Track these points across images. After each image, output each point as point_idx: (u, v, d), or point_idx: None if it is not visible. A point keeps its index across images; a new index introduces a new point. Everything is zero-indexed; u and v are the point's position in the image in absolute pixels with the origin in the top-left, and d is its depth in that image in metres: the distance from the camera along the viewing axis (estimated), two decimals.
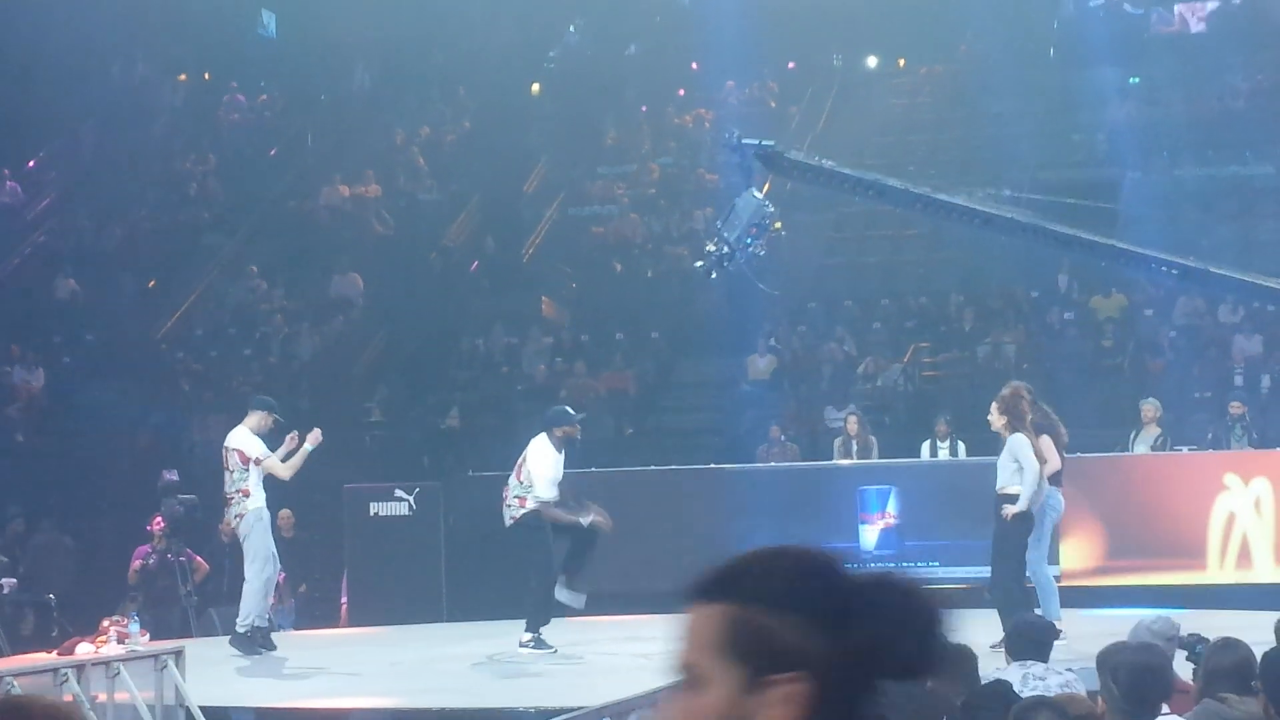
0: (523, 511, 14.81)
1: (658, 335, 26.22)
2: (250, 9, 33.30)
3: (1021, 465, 14.06)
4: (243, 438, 15.69)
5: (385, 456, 23.89)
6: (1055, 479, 14.60)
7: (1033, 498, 14.06)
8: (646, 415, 24.97)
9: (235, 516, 15.72)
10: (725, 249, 13.78)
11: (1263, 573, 17.86)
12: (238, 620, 15.67)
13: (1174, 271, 15.63)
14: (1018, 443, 14.11)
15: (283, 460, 15.63)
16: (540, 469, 14.84)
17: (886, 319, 25.59)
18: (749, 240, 13.76)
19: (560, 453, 14.97)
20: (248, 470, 15.49)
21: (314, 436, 15.74)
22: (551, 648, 14.91)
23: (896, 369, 24.28)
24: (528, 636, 14.91)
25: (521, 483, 14.88)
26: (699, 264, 14.68)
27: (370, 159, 30.89)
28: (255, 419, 15.82)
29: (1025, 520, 14.15)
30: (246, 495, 15.49)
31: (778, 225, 13.71)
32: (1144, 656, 6.94)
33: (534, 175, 30.56)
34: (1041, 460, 14.33)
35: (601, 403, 24.46)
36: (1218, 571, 17.98)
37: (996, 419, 14.32)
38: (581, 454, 21.84)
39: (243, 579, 19.70)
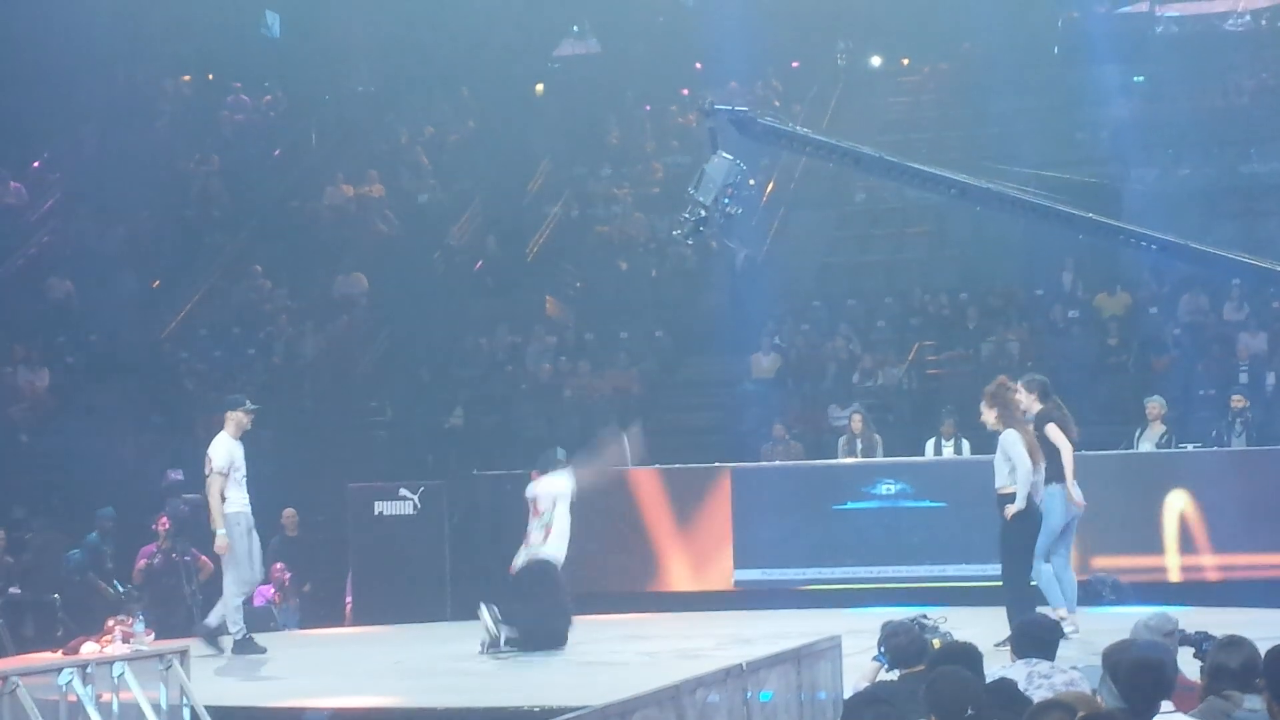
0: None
1: (662, 334, 26.22)
2: (254, 9, 33.30)
3: (1013, 463, 14.03)
4: (216, 444, 15.66)
5: (389, 456, 23.91)
6: (1057, 474, 14.47)
7: (1031, 492, 14.02)
8: (650, 414, 24.95)
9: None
10: (701, 213, 13.90)
11: None
12: (229, 629, 15.63)
13: (1153, 246, 15.47)
14: (1008, 440, 14.06)
15: (222, 499, 15.50)
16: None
17: (890, 317, 25.58)
18: (726, 200, 13.86)
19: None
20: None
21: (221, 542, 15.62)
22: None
23: (900, 367, 24.26)
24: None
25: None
26: (676, 232, 14.88)
27: (374, 159, 30.90)
28: (231, 423, 15.75)
29: (1028, 517, 14.10)
30: (222, 499, 15.48)
31: (751, 181, 13.86)
32: (1144, 654, 6.93)
33: (538, 175, 30.56)
34: (1044, 454, 14.28)
35: (606, 402, 24.47)
36: None
37: (987, 413, 14.28)
38: (586, 453, 21.90)
39: None
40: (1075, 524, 14.84)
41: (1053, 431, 14.46)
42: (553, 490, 15.44)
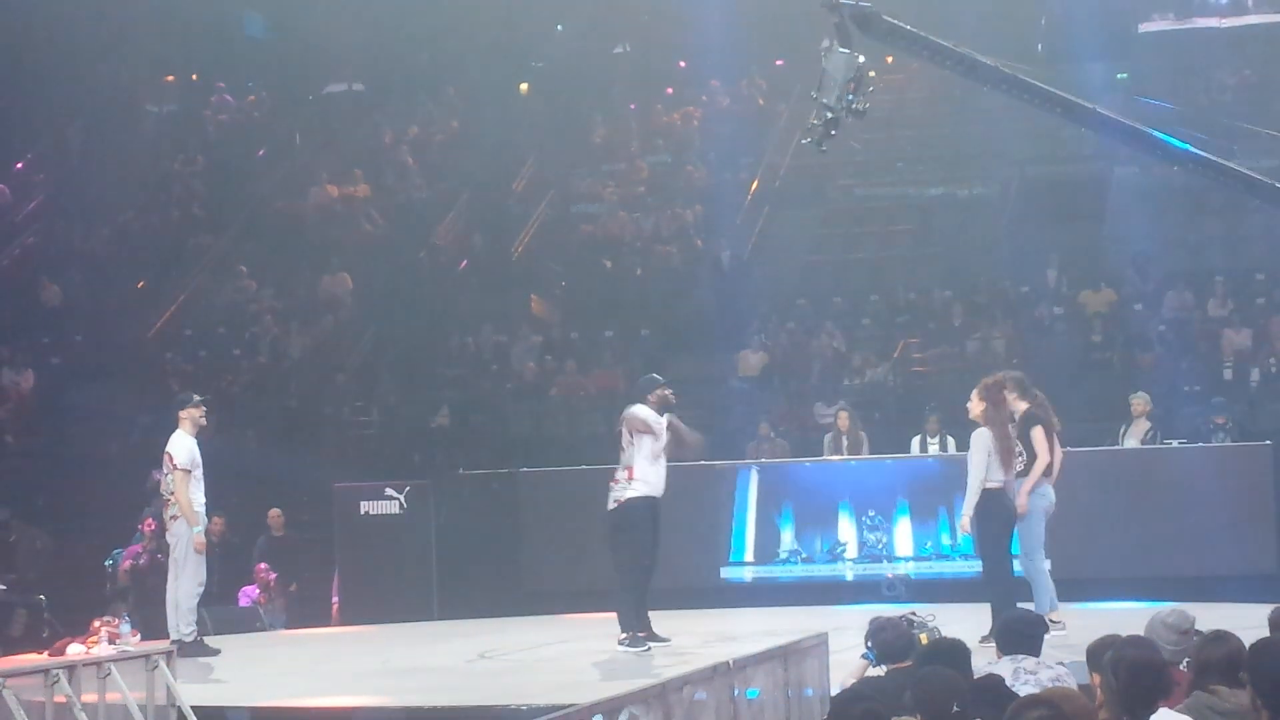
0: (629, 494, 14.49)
1: (648, 333, 26.20)
2: (237, 9, 33.25)
3: (971, 462, 14.06)
4: (175, 442, 15.60)
5: (375, 455, 23.90)
6: (1045, 470, 14.55)
7: (1004, 489, 14.07)
8: None
9: (170, 518, 15.66)
10: (828, 114, 12.88)
11: None
12: (182, 630, 15.54)
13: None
14: (974, 440, 14.10)
15: (190, 496, 15.41)
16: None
17: (876, 315, 25.59)
18: (850, 97, 13.17)
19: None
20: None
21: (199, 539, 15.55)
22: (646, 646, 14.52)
23: (886, 365, 24.28)
24: (624, 635, 14.57)
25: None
26: (806, 140, 13.53)
27: (359, 158, 30.87)
28: (187, 421, 15.65)
29: (998, 512, 14.11)
30: (189, 505, 15.41)
31: (872, 73, 13.06)
32: (1141, 651, 6.93)
33: (523, 174, 30.53)
34: (1031, 455, 14.35)
35: (592, 401, 24.47)
36: None
37: (976, 405, 14.27)
38: (573, 452, 21.93)
39: (231, 581, 19.79)
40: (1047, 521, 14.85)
41: (1038, 437, 14.49)
42: (631, 422, 14.68)
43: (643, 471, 14.48)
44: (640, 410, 14.61)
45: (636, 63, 33.18)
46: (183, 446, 15.45)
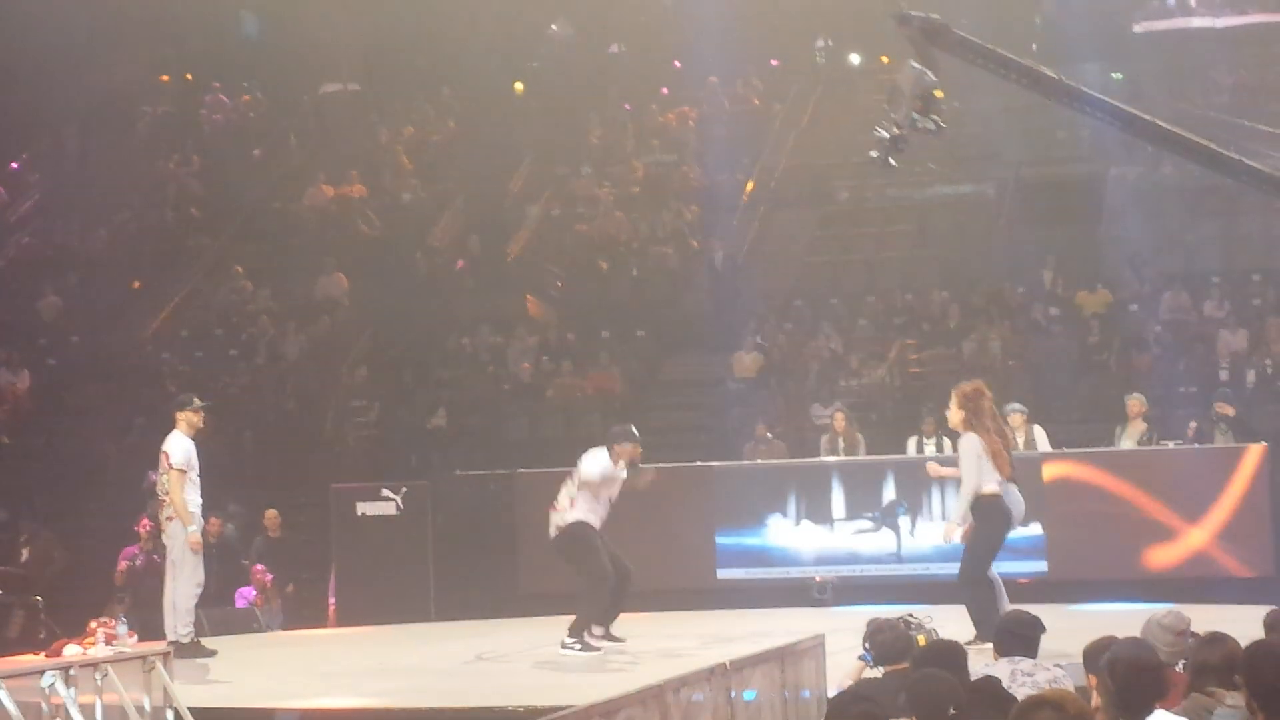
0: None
1: (644, 334, 26.20)
2: (232, 9, 33.23)
3: (964, 469, 14.01)
4: (172, 441, 15.55)
5: (372, 456, 23.89)
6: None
7: (999, 494, 14.02)
8: (633, 414, 24.85)
9: (165, 519, 15.64)
10: (895, 130, 12.84)
11: None
12: (179, 631, 15.52)
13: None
14: (965, 445, 14.02)
15: (184, 496, 15.36)
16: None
17: (872, 316, 25.58)
18: (915, 116, 12.98)
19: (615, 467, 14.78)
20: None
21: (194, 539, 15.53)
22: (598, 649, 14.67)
23: (882, 367, 24.27)
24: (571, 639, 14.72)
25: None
26: (874, 154, 13.32)
27: (354, 159, 30.84)
28: (183, 422, 15.58)
29: (995, 519, 14.04)
30: (181, 506, 15.37)
31: (939, 94, 12.84)
32: (1138, 652, 6.92)
33: (519, 174, 30.52)
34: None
35: (588, 402, 24.46)
36: None
37: (955, 414, 14.17)
38: (570, 453, 21.87)
39: (228, 582, 19.77)
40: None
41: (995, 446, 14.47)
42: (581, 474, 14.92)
43: (583, 504, 14.73)
44: (593, 466, 14.72)
45: (632, 63, 33.17)
46: (179, 447, 15.41)
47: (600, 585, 14.66)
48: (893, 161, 12.79)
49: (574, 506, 14.72)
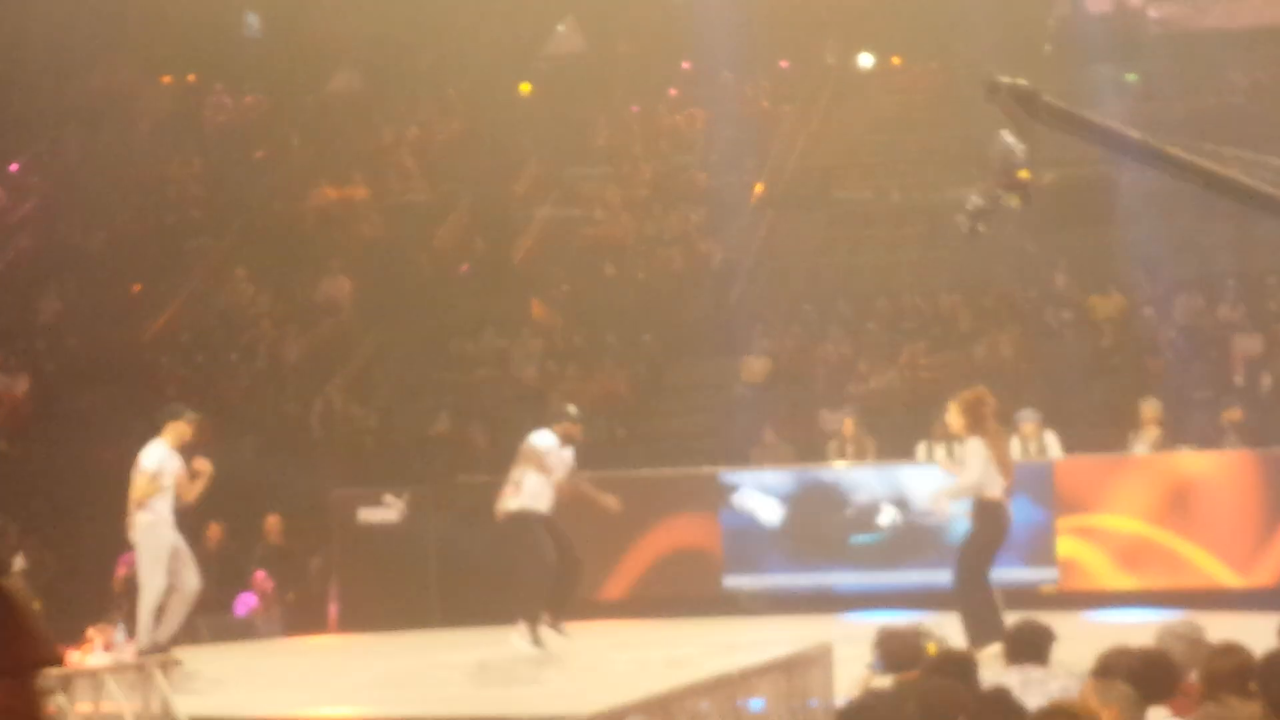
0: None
1: (650, 338, 26.01)
2: (234, 9, 33.10)
3: (968, 466, 13.89)
4: (149, 448, 15.32)
5: (374, 461, 23.71)
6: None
7: (1001, 499, 13.90)
8: (639, 418, 24.76)
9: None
10: (981, 201, 12.43)
11: None
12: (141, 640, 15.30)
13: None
14: (971, 448, 13.94)
15: (143, 493, 15.11)
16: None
17: (882, 320, 25.37)
18: (998, 192, 12.77)
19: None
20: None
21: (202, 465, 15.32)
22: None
23: (892, 371, 24.06)
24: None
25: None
26: (960, 219, 12.86)
27: (358, 160, 30.70)
28: (171, 432, 15.38)
29: (993, 526, 13.91)
30: (139, 506, 15.14)
31: (1023, 174, 12.51)
32: (1153, 654, 6.87)
33: (524, 176, 30.37)
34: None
35: (594, 406, 24.22)
36: None
37: (956, 419, 14.13)
38: (575, 458, 21.67)
39: (229, 589, 19.60)
40: None
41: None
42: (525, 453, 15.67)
43: (531, 486, 15.42)
44: (537, 443, 15.62)
45: (639, 65, 33.01)
46: (154, 455, 15.18)
47: (542, 576, 15.08)
48: (981, 228, 12.52)
49: (520, 491, 15.34)
